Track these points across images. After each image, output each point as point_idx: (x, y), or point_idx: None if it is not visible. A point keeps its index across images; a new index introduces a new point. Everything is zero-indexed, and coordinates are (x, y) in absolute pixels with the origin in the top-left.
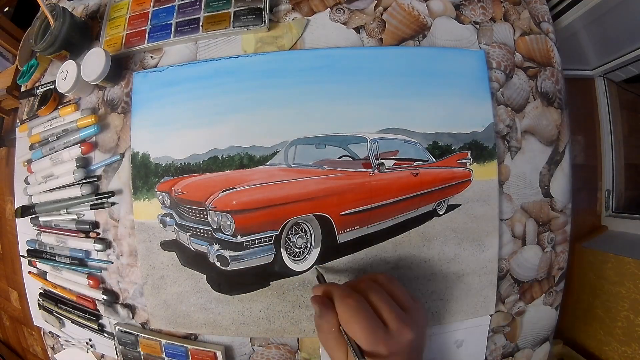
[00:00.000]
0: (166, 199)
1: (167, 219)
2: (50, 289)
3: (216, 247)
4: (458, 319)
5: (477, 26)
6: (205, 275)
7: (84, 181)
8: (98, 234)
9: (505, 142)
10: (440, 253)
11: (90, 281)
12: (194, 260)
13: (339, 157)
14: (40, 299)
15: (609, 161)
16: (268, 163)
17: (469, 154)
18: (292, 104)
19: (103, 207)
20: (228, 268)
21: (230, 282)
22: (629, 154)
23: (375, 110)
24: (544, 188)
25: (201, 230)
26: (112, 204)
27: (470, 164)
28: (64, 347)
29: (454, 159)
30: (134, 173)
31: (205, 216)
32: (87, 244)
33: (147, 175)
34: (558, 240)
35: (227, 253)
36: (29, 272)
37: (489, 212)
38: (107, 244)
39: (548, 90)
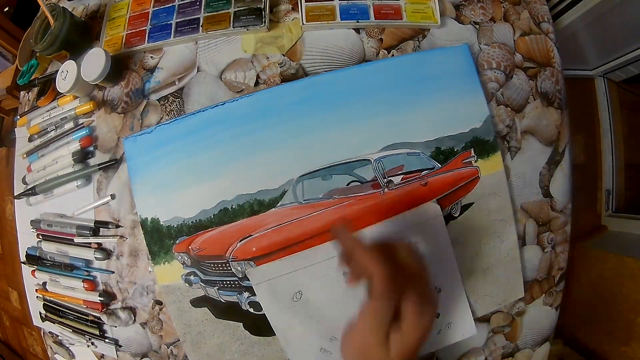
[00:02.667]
0: (186, 258)
1: (192, 277)
2: (51, 298)
3: (246, 294)
4: (490, 309)
5: (477, 26)
6: (241, 323)
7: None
8: (99, 244)
9: (505, 142)
10: (463, 252)
11: (85, 285)
12: (227, 311)
13: (348, 184)
14: (43, 311)
15: (609, 161)
16: (279, 204)
17: (472, 151)
18: (289, 141)
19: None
20: (262, 312)
21: (267, 324)
22: (629, 154)
23: (373, 130)
24: (544, 188)
25: (228, 282)
26: (118, 226)
27: (475, 162)
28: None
29: (459, 160)
30: (148, 239)
31: (229, 268)
32: (87, 253)
33: (161, 239)
34: (558, 241)
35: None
36: (31, 271)
37: (502, 203)
38: (107, 254)
39: (548, 90)
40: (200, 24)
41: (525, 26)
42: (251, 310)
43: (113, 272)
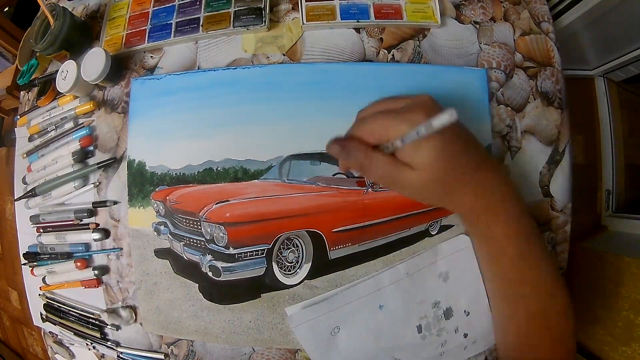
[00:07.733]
0: (161, 207)
1: (162, 227)
2: (53, 297)
3: (209, 257)
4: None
5: (477, 26)
6: (197, 284)
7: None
8: (97, 224)
9: (505, 142)
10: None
11: (78, 263)
12: (187, 269)
13: (333, 175)
14: (44, 312)
15: (609, 161)
16: (262, 177)
17: None
18: (289, 119)
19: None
20: (220, 279)
21: (221, 292)
22: (629, 154)
23: None
24: (544, 188)
25: (194, 240)
26: (115, 203)
27: None
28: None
29: None
30: (130, 180)
31: (199, 227)
32: (86, 235)
33: (142, 183)
34: (558, 240)
35: (219, 264)
36: (31, 270)
37: None
38: (105, 233)
39: (548, 90)
40: (201, 23)
41: (526, 26)
42: (210, 274)
43: (122, 249)
